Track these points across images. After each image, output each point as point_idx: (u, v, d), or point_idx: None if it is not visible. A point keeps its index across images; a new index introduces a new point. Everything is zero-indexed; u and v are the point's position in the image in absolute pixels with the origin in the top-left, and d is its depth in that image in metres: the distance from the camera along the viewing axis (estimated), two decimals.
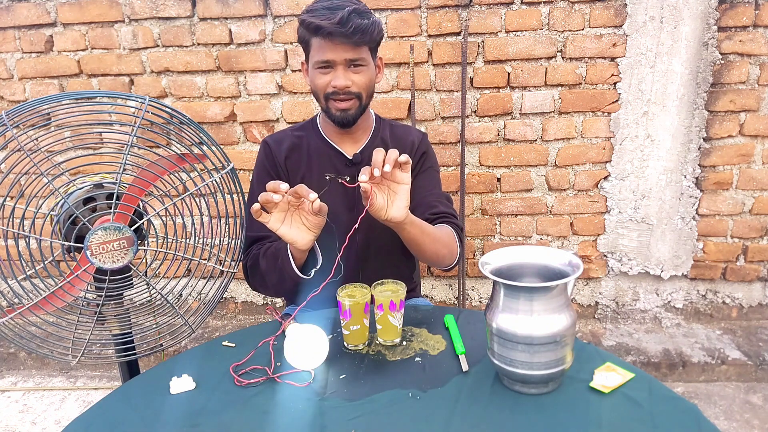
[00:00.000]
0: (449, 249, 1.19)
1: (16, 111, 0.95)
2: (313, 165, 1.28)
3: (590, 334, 2.28)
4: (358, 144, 1.29)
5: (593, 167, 2.15)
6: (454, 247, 1.21)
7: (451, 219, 1.26)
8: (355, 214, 1.27)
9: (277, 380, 0.93)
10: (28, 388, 2.23)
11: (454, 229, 1.23)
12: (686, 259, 2.22)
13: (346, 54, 1.12)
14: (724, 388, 2.05)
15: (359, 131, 1.29)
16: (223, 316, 2.48)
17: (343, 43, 1.10)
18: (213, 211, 1.14)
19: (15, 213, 0.97)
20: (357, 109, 1.19)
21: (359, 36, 1.10)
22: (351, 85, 1.16)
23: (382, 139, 1.31)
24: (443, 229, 1.21)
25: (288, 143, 1.29)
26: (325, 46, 1.12)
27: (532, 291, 0.83)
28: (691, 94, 2.05)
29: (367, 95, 1.20)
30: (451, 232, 1.22)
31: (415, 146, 1.31)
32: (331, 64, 1.14)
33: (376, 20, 1.14)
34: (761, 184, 2.12)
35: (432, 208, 1.26)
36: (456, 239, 1.23)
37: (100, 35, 2.12)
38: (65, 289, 1.02)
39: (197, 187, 1.08)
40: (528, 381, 0.85)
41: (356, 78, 1.16)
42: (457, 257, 1.23)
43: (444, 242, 1.18)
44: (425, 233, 1.12)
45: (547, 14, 1.99)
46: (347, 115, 1.19)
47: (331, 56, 1.12)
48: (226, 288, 1.16)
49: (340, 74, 1.14)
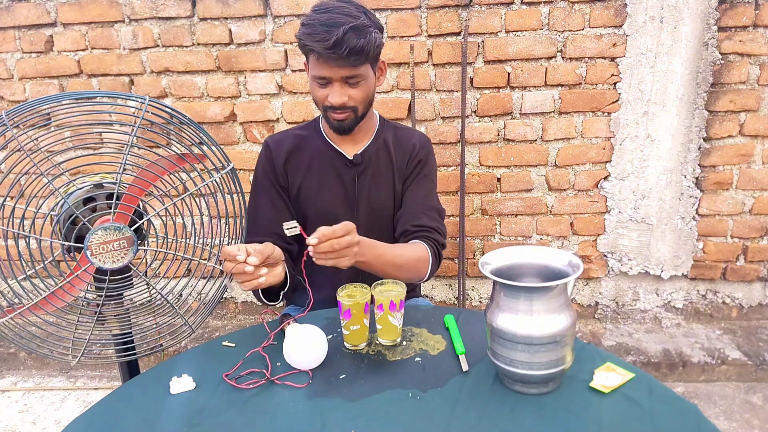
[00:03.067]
0: (415, 271, 1.20)
1: (16, 111, 0.95)
2: (313, 166, 1.28)
3: (590, 334, 2.28)
4: (359, 145, 1.29)
5: (593, 167, 2.15)
6: (422, 267, 1.21)
7: (431, 234, 1.25)
8: (356, 215, 1.28)
9: (276, 382, 0.93)
10: (28, 388, 2.23)
11: (429, 246, 1.22)
12: (686, 259, 2.22)
13: (341, 72, 1.12)
14: (724, 388, 2.05)
15: (361, 132, 1.29)
16: (223, 316, 2.48)
17: (339, 65, 1.10)
18: (213, 211, 1.14)
19: (15, 213, 0.97)
20: (353, 119, 1.20)
21: (354, 58, 1.09)
22: (347, 101, 1.16)
23: (384, 141, 1.31)
24: (413, 248, 1.20)
25: (288, 145, 1.29)
26: (321, 64, 1.12)
27: (532, 291, 0.83)
28: (691, 94, 2.05)
29: (364, 107, 1.21)
30: (422, 251, 1.21)
31: (415, 151, 1.31)
32: (328, 80, 1.14)
33: (373, 36, 1.11)
34: (761, 184, 2.12)
35: (415, 219, 1.26)
36: (429, 256, 1.22)
37: (100, 35, 2.12)
38: (65, 289, 1.02)
39: (197, 187, 1.08)
40: (528, 381, 0.85)
41: (353, 92, 1.16)
42: (426, 275, 1.23)
43: (408, 266, 1.18)
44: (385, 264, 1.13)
45: (547, 14, 1.99)
46: (344, 125, 1.20)
47: (327, 73, 1.13)
48: (226, 288, 1.16)
49: (336, 91, 1.14)
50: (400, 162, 1.30)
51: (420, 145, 1.32)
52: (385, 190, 1.29)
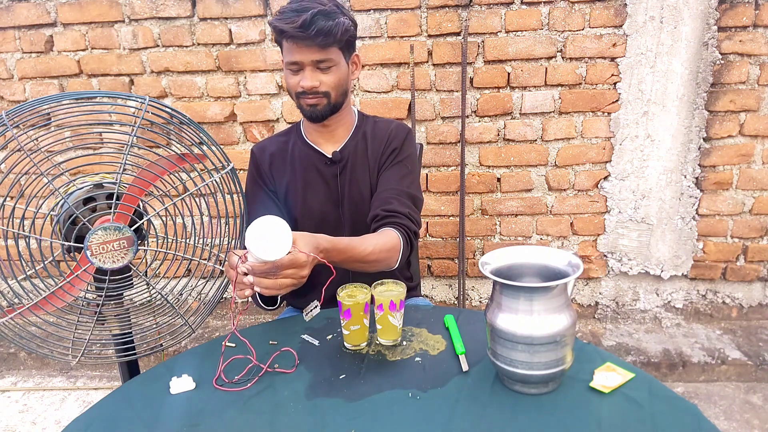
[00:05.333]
0: (384, 262, 1.16)
1: (16, 111, 0.95)
2: (296, 168, 1.31)
3: (590, 334, 2.28)
4: (338, 143, 1.30)
5: (593, 167, 2.15)
6: (393, 256, 1.18)
7: (401, 220, 1.22)
8: (341, 210, 1.29)
9: (266, 369, 0.93)
10: (28, 388, 2.23)
11: (400, 233, 1.19)
12: (686, 259, 2.22)
13: (312, 56, 1.15)
14: (724, 388, 2.05)
15: (340, 129, 1.30)
16: (223, 316, 2.48)
17: (308, 45, 1.13)
18: (213, 211, 1.14)
19: (15, 213, 0.97)
20: (326, 105, 1.21)
21: (322, 38, 1.12)
22: (319, 85, 1.18)
23: (364, 134, 1.31)
24: (384, 239, 1.17)
25: (271, 150, 1.33)
26: (292, 49, 1.15)
27: (532, 291, 0.83)
28: (691, 94, 2.05)
29: (337, 93, 1.21)
30: (393, 239, 1.18)
31: (390, 139, 1.30)
32: (299, 65, 1.17)
33: (341, 21, 1.15)
34: (761, 184, 2.12)
35: (386, 204, 1.23)
36: (401, 243, 1.19)
37: (100, 35, 2.12)
38: (65, 289, 1.02)
39: (197, 187, 1.08)
40: (528, 381, 0.85)
41: (324, 78, 1.18)
42: (396, 263, 1.20)
43: (379, 259, 1.14)
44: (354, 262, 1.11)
45: (547, 14, 1.99)
46: (316, 110, 1.21)
47: (298, 57, 1.16)
48: (226, 288, 1.16)
49: (308, 75, 1.17)
50: (376, 153, 1.30)
51: (395, 134, 1.31)
52: (364, 183, 1.29)
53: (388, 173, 1.29)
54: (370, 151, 1.30)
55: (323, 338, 1.07)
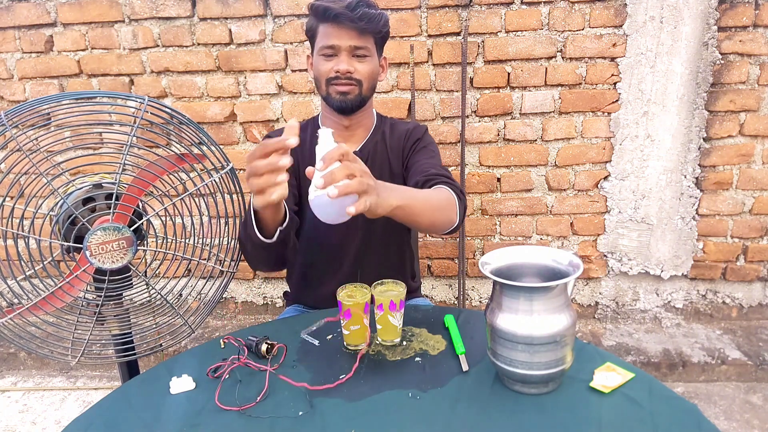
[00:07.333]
0: (448, 211, 1.09)
1: (16, 111, 0.95)
2: (313, 163, 1.28)
3: (590, 334, 2.27)
4: (357, 143, 1.29)
5: (593, 167, 2.15)
6: (453, 209, 1.11)
7: (443, 179, 1.16)
8: None
9: (276, 374, 0.93)
10: (28, 388, 2.23)
11: (452, 190, 1.14)
12: (686, 259, 2.22)
13: (351, 41, 1.15)
14: (724, 388, 2.05)
15: (360, 129, 1.29)
16: (223, 316, 2.48)
17: (349, 28, 1.13)
18: (213, 211, 1.14)
19: (15, 213, 0.97)
20: (356, 96, 1.20)
21: (366, 22, 1.13)
22: (353, 72, 1.18)
23: (383, 133, 1.32)
24: (438, 191, 1.11)
25: None
26: (331, 32, 1.15)
27: (532, 291, 0.83)
28: (691, 94, 2.04)
29: (368, 86, 1.21)
30: (447, 193, 1.12)
31: (409, 133, 1.31)
32: (335, 50, 1.16)
33: (384, 13, 1.18)
34: (761, 184, 2.12)
35: (424, 173, 1.19)
36: (456, 200, 1.12)
37: (100, 35, 2.12)
38: (65, 290, 1.02)
39: (197, 187, 1.08)
40: (528, 381, 0.85)
41: (359, 66, 1.18)
42: (457, 220, 1.13)
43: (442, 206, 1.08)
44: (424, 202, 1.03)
45: (547, 14, 1.99)
46: (346, 99, 1.20)
47: (336, 41, 1.15)
48: (225, 288, 1.16)
49: (344, 59, 1.17)
50: (396, 149, 1.30)
51: (414, 129, 1.32)
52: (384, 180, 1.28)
53: (416, 157, 1.28)
54: (391, 147, 1.30)
55: (323, 338, 1.07)
